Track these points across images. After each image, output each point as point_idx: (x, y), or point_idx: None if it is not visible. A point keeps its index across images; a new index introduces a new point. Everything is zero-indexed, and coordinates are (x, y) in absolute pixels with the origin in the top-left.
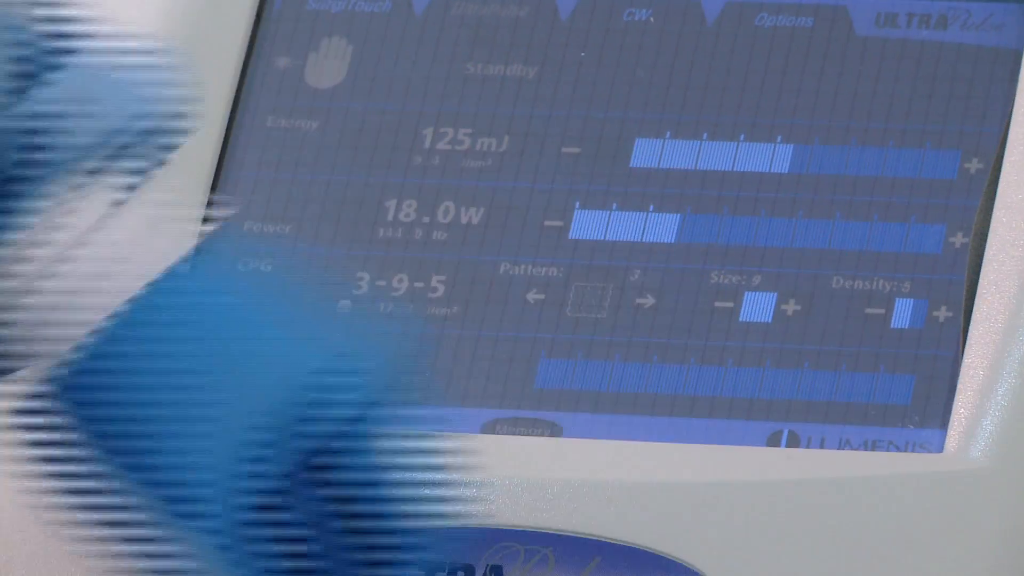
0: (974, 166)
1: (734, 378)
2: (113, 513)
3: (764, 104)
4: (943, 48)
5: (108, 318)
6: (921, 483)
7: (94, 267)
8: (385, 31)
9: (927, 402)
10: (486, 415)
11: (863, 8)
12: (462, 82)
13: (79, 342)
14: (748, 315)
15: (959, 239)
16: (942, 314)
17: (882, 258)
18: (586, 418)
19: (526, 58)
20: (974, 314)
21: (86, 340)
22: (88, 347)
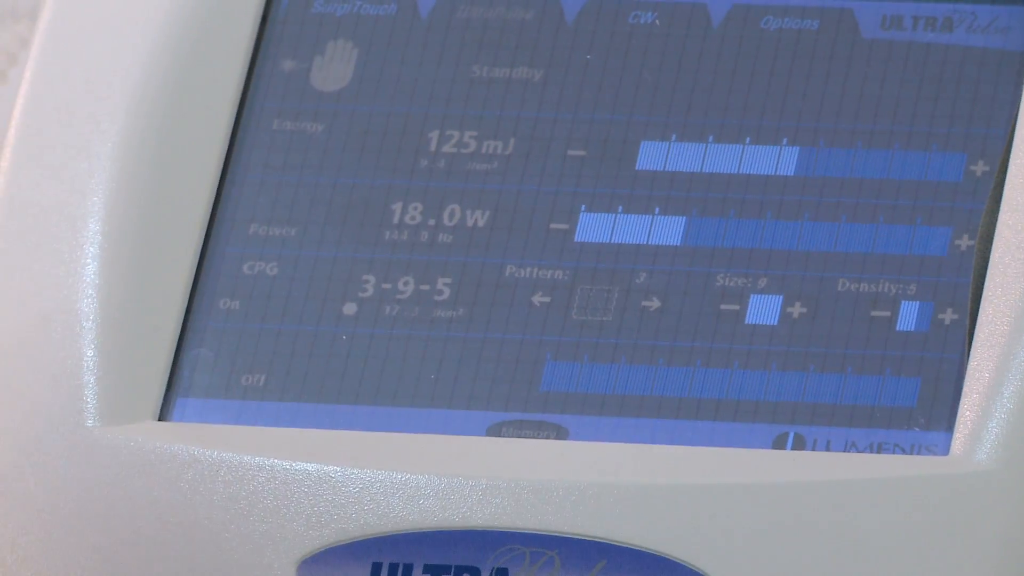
0: (980, 168)
1: (740, 381)
2: None
3: (770, 107)
4: (949, 51)
5: None
6: (927, 486)
7: None
8: (390, 34)
9: (933, 405)
10: (492, 418)
11: (869, 11)
12: (468, 85)
13: None
14: (754, 318)
15: (965, 241)
16: (948, 316)
17: (888, 260)
18: (592, 421)
19: (531, 61)
20: (980, 316)
21: None
22: None
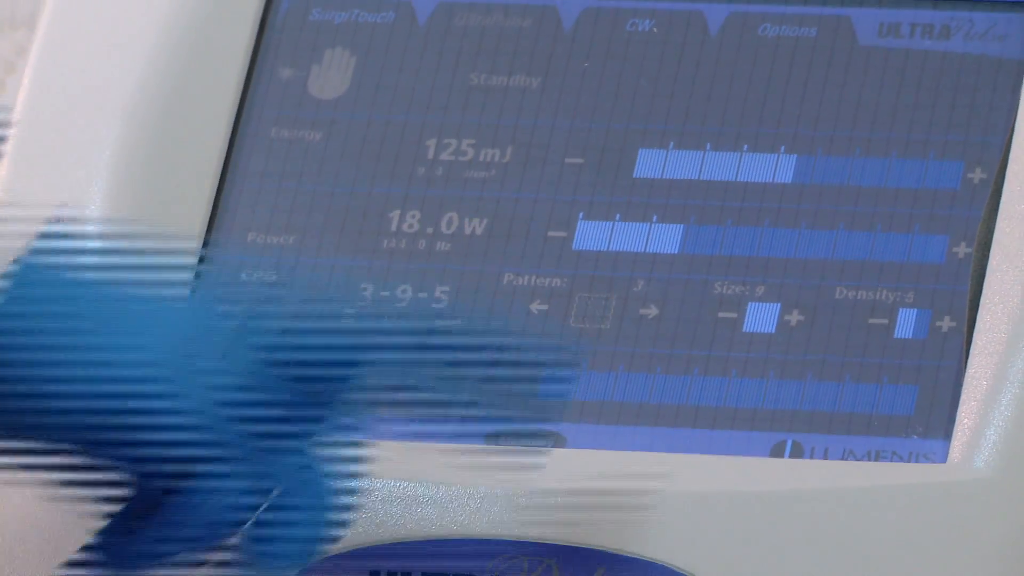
0: (977, 176)
1: (738, 389)
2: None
3: (767, 114)
4: (946, 58)
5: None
6: (925, 493)
7: None
8: (388, 42)
9: (931, 412)
10: (490, 425)
11: (866, 18)
12: (465, 93)
13: None
14: (752, 326)
15: (962, 249)
16: (945, 324)
17: (885, 268)
18: (590, 429)
19: (529, 69)
20: (977, 324)
21: None
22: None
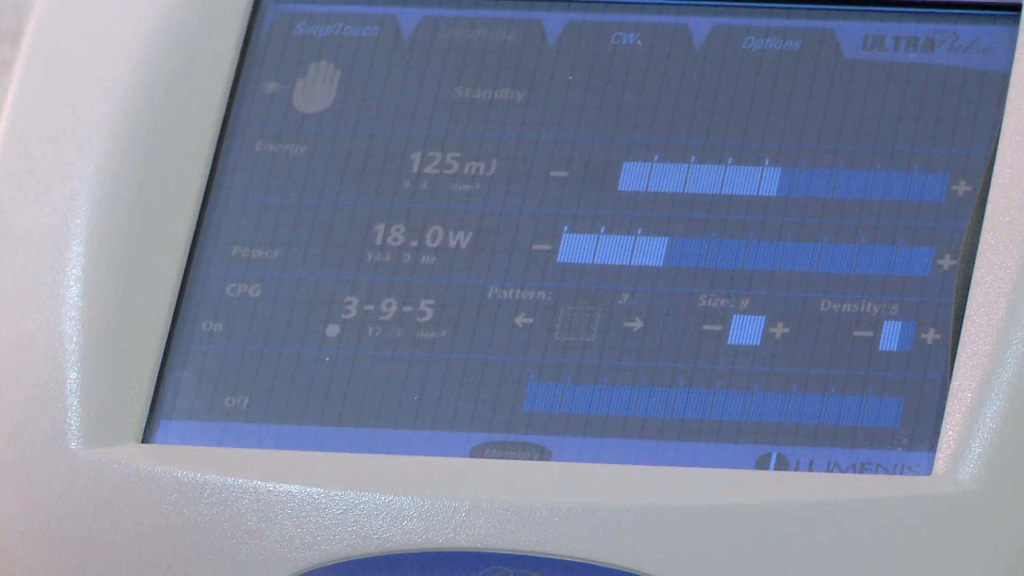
0: (962, 188)
1: (723, 401)
2: None
3: (752, 127)
4: (931, 71)
5: None
6: (910, 505)
7: None
8: (373, 56)
9: (915, 424)
10: (475, 439)
11: (851, 31)
12: (450, 106)
13: None
14: (736, 338)
15: (947, 261)
16: (930, 336)
17: (870, 281)
18: (575, 442)
19: (514, 82)
20: (962, 336)
21: None
22: None
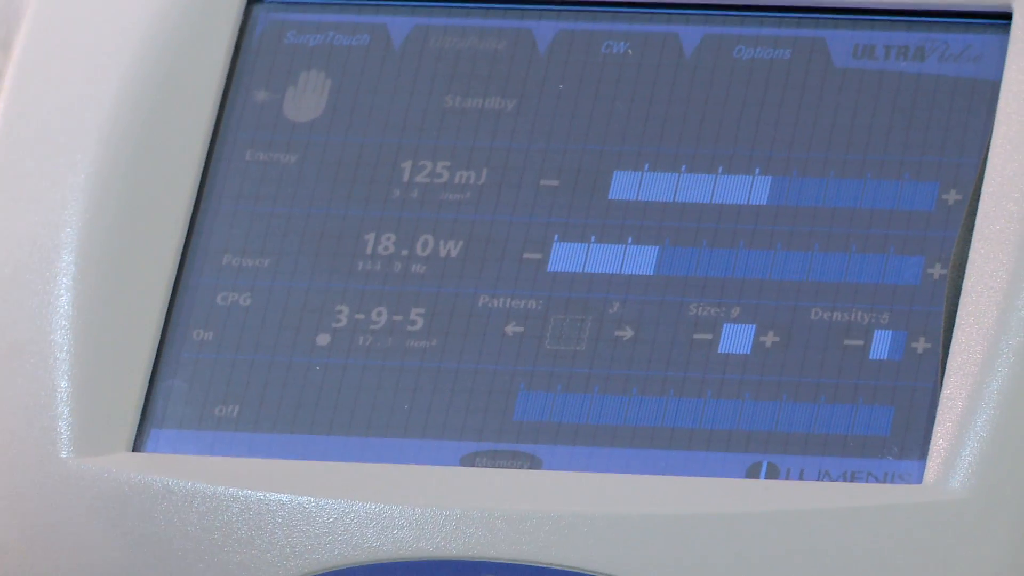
0: (952, 197)
1: (713, 410)
2: None
3: (742, 136)
4: (921, 80)
5: None
6: (900, 514)
7: None
8: (363, 65)
9: (906, 433)
10: (465, 448)
11: (841, 40)
12: (440, 115)
13: None
14: (727, 347)
15: (937, 270)
16: (921, 345)
17: (860, 290)
18: (565, 451)
19: (504, 91)
20: (953, 345)
21: None
22: None
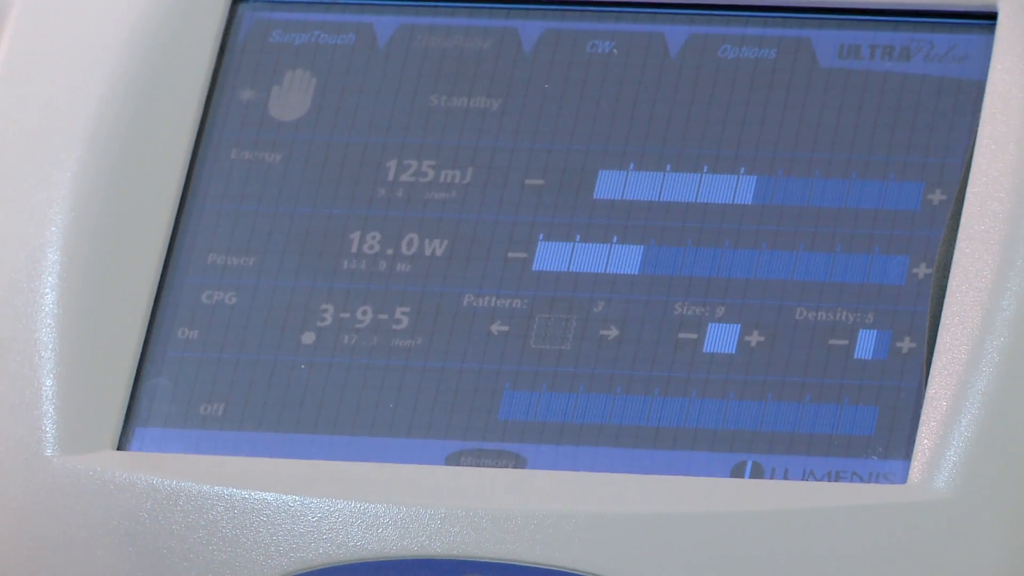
0: (937, 197)
1: (698, 409)
2: None
3: (727, 136)
4: (906, 80)
5: None
6: (885, 514)
7: None
8: (349, 64)
9: (891, 433)
10: (450, 447)
11: (826, 40)
12: (426, 114)
13: None
14: (712, 346)
15: (922, 270)
16: (905, 345)
17: (845, 289)
18: (550, 450)
19: (490, 90)
20: (937, 345)
21: None
22: None
